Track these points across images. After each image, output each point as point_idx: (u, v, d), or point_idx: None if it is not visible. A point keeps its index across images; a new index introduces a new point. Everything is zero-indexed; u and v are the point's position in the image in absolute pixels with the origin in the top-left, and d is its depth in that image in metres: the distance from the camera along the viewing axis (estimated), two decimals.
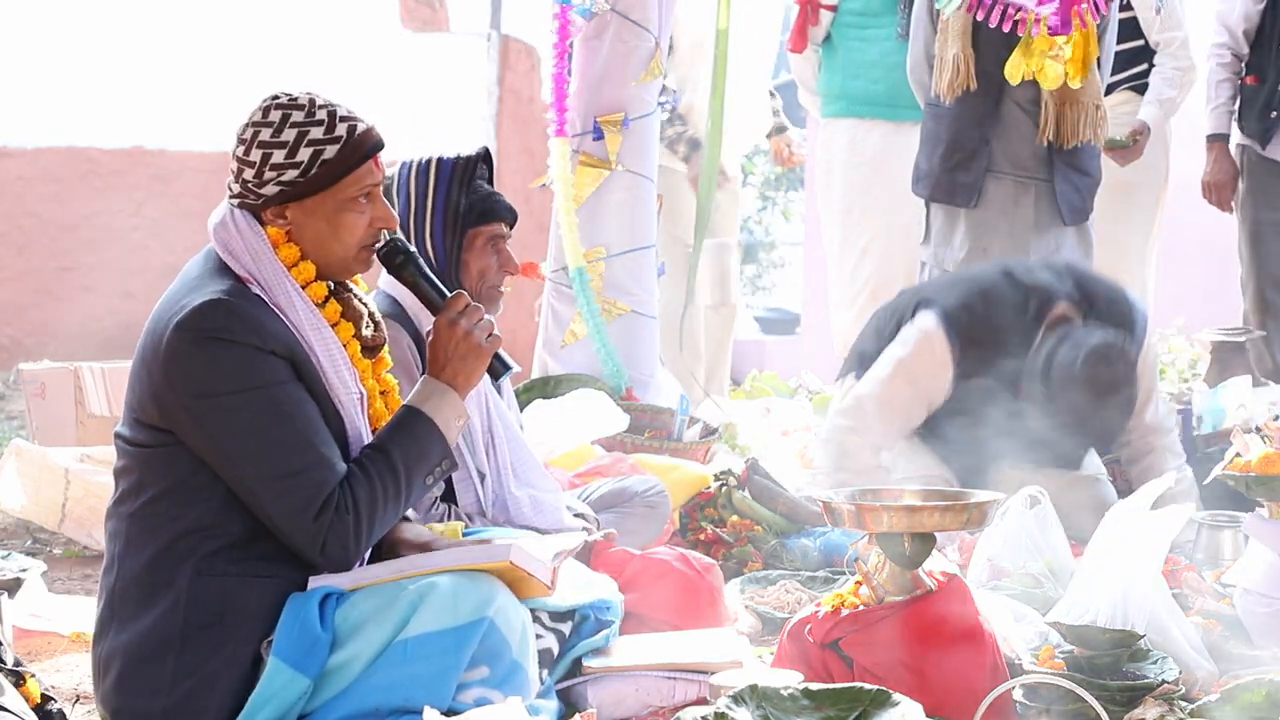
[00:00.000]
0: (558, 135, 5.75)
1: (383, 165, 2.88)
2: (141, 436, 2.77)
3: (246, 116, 2.83)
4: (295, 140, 2.77)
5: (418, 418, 2.84)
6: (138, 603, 2.74)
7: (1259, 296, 6.24)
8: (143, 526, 2.75)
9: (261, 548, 2.74)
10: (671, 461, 4.80)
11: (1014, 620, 3.40)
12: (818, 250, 7.53)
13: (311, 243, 2.82)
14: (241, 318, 2.70)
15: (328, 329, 2.82)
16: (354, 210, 2.83)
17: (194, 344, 2.69)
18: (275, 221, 2.81)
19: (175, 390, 2.70)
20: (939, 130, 5.48)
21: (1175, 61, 5.92)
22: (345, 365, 2.83)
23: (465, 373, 2.89)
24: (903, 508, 3.09)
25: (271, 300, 2.77)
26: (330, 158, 2.79)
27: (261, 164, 2.78)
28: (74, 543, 4.85)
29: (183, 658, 2.69)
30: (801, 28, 6.28)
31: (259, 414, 2.69)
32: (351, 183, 2.81)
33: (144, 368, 2.76)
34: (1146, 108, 5.92)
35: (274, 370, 2.72)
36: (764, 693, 2.65)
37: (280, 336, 2.74)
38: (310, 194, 2.80)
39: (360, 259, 2.88)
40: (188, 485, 2.73)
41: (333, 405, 2.80)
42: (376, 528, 2.77)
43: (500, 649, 2.75)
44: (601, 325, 5.69)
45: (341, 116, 2.81)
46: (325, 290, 2.85)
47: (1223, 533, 4.15)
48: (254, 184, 2.79)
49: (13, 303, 9.26)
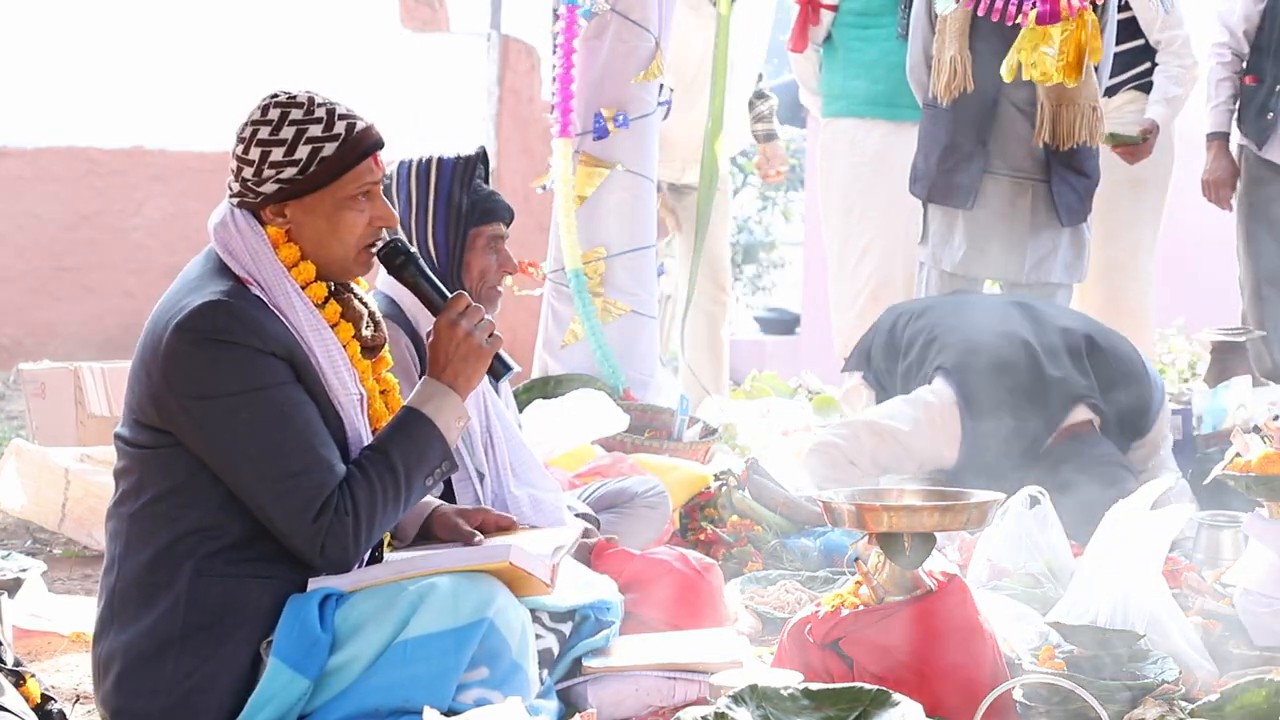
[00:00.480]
0: (561, 135, 5.75)
1: (382, 164, 2.88)
2: (141, 438, 2.77)
3: (246, 115, 2.83)
4: (294, 138, 2.77)
5: (418, 419, 2.84)
6: (138, 603, 2.74)
7: (1257, 296, 6.25)
8: (143, 528, 2.75)
9: (261, 549, 2.74)
10: (671, 461, 4.80)
11: (1014, 620, 3.40)
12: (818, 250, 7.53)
13: (311, 242, 2.82)
14: (241, 319, 2.70)
15: (327, 330, 2.81)
16: (353, 208, 2.82)
17: (193, 345, 2.68)
18: (275, 220, 2.81)
19: (174, 391, 2.70)
20: (936, 131, 5.48)
21: (1179, 60, 5.92)
22: (345, 366, 2.82)
23: (466, 374, 2.89)
24: (903, 508, 3.09)
25: (271, 301, 2.76)
26: (329, 155, 2.78)
27: (260, 162, 2.78)
28: (74, 543, 4.85)
29: (182, 659, 2.69)
30: (802, 27, 6.28)
31: (258, 415, 2.69)
32: (350, 180, 2.81)
33: (143, 368, 2.75)
34: (1154, 106, 5.92)
35: (274, 372, 2.71)
36: (764, 693, 2.65)
37: (280, 338, 2.73)
38: (309, 191, 2.79)
39: (360, 260, 2.87)
40: (187, 486, 2.73)
41: (332, 406, 2.79)
42: (376, 529, 2.77)
43: (500, 650, 2.75)
44: (597, 326, 5.69)
45: (340, 114, 2.81)
46: (325, 291, 2.85)
47: (1223, 533, 4.15)
48: (253, 182, 2.79)
49: (13, 303, 9.27)
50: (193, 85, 9.34)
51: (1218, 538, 4.17)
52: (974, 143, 5.42)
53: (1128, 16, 5.93)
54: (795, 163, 17.59)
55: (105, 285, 9.39)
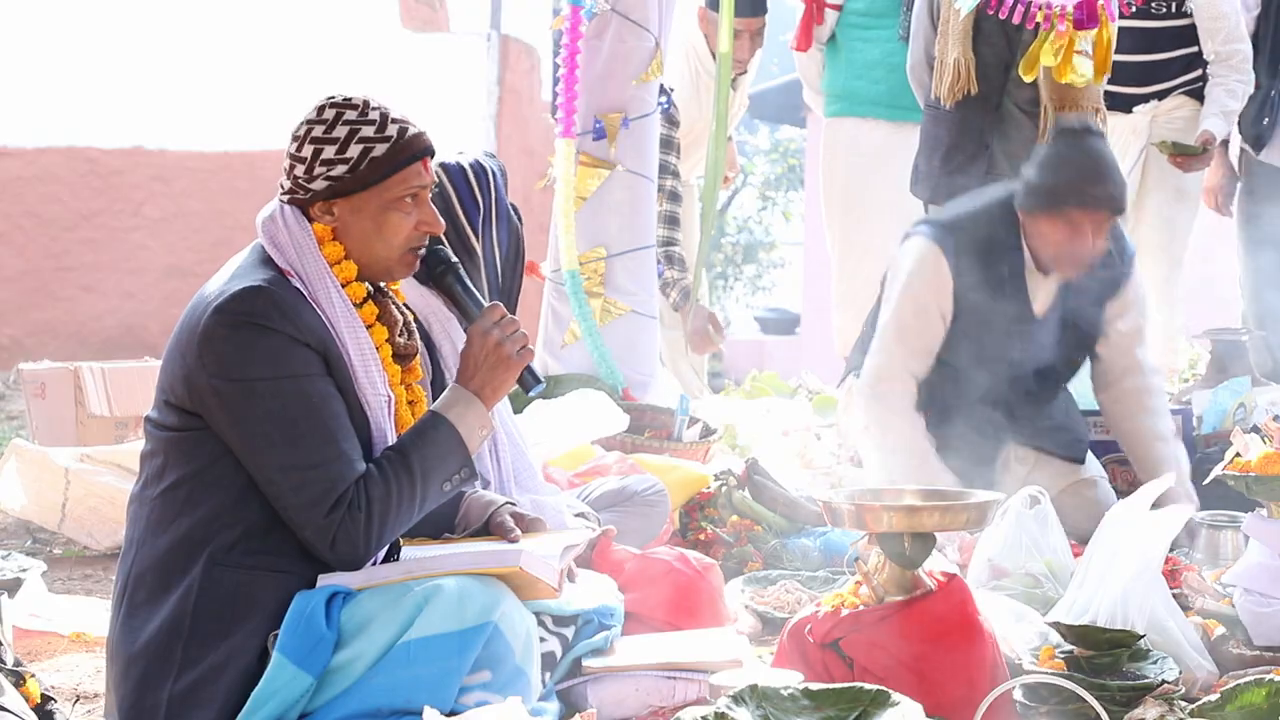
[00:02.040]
0: (564, 136, 5.75)
1: (432, 170, 2.90)
2: (170, 419, 2.79)
3: (301, 115, 2.86)
4: (346, 137, 2.81)
5: (441, 424, 2.85)
6: (153, 588, 2.75)
7: (1257, 298, 6.25)
8: (163, 512, 2.77)
9: (277, 541, 2.75)
10: (671, 461, 4.80)
11: (1014, 620, 3.40)
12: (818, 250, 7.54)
13: (356, 241, 2.85)
14: (279, 306, 2.72)
15: (363, 329, 2.84)
16: (400, 210, 2.85)
17: (230, 327, 2.71)
18: (322, 218, 2.84)
19: (207, 371, 2.72)
20: (938, 132, 5.48)
21: (1239, 74, 5.93)
22: (376, 367, 2.84)
23: (494, 384, 2.91)
24: (903, 508, 3.09)
25: (310, 294, 2.79)
26: (379, 155, 2.81)
27: (312, 159, 2.81)
28: (74, 543, 4.85)
29: (190, 648, 2.70)
30: (807, 26, 6.29)
31: (287, 403, 2.71)
32: (399, 182, 2.83)
33: (178, 349, 2.78)
34: (1213, 119, 5.92)
35: (306, 362, 2.73)
36: (764, 693, 2.65)
37: (315, 330, 2.76)
38: (357, 190, 2.82)
39: (404, 261, 2.90)
40: (209, 471, 2.75)
41: (359, 404, 2.81)
42: (389, 529, 2.78)
43: (503, 654, 2.75)
44: (594, 327, 5.70)
45: (394, 119, 2.85)
46: (364, 291, 2.87)
47: (1223, 533, 4.15)
48: (304, 179, 2.82)
49: (13, 303, 9.28)
50: (193, 85, 9.35)
51: (1218, 538, 4.17)
52: (977, 145, 5.41)
53: (1185, 24, 5.94)
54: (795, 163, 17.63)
55: (105, 285, 9.40)
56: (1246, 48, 5.95)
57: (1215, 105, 5.94)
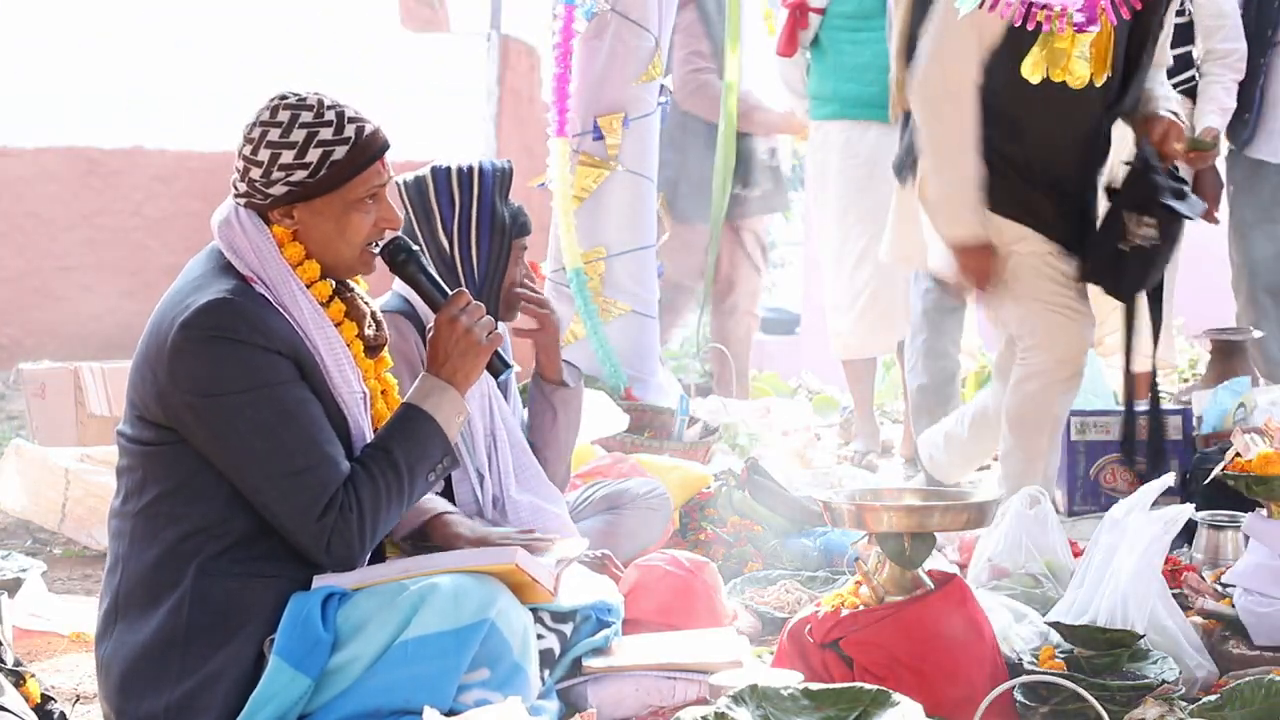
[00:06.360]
0: (558, 135, 5.75)
1: (389, 166, 2.89)
2: (144, 434, 2.77)
3: (254, 115, 2.83)
4: (304, 141, 2.78)
5: (418, 415, 2.85)
6: (143, 603, 2.74)
7: (1250, 296, 6.25)
8: (147, 527, 2.75)
9: (266, 547, 2.75)
10: (671, 461, 4.80)
11: (1014, 620, 3.40)
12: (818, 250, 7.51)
13: (317, 243, 2.83)
14: (246, 317, 2.70)
15: (332, 328, 2.83)
16: (361, 211, 2.83)
17: (199, 343, 2.69)
18: (282, 221, 2.82)
19: (180, 389, 2.70)
20: None
21: (1234, 73, 5.95)
22: (349, 364, 2.83)
23: (465, 370, 2.90)
24: (903, 508, 3.10)
25: (276, 299, 2.77)
26: (339, 159, 2.79)
27: (270, 164, 2.78)
28: (74, 543, 4.85)
29: (186, 657, 2.69)
30: (791, 32, 6.26)
31: (264, 413, 2.69)
32: (360, 184, 2.82)
33: (147, 366, 2.75)
34: (1212, 116, 5.92)
35: (279, 369, 2.72)
36: (764, 693, 2.65)
37: (285, 336, 2.74)
38: (319, 195, 2.80)
39: (364, 259, 2.89)
40: (191, 484, 2.73)
41: (336, 404, 2.80)
42: (381, 526, 2.78)
43: (501, 651, 2.75)
44: (599, 325, 5.70)
45: (350, 117, 2.82)
46: (329, 290, 2.86)
47: (1223, 533, 4.15)
48: (261, 184, 2.80)
49: (13, 303, 9.27)
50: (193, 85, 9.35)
51: (1218, 538, 4.17)
52: None
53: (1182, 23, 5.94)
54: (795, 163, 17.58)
55: (105, 285, 9.39)
56: (1244, 47, 5.96)
57: (1214, 103, 5.94)
